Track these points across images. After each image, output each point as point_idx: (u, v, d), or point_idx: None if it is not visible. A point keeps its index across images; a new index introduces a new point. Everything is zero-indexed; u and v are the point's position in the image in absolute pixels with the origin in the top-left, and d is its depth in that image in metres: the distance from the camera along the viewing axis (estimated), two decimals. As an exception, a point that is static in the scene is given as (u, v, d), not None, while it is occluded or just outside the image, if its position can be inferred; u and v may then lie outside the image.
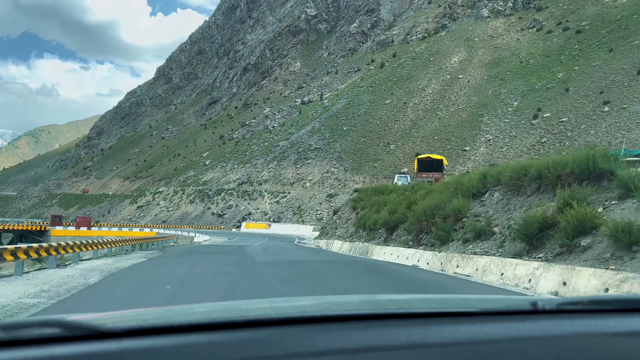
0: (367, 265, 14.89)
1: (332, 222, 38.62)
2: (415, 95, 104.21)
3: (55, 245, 15.19)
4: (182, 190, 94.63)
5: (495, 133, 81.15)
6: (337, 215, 39.27)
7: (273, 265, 14.75)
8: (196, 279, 11.79)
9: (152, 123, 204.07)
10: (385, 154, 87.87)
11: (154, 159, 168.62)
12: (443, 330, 1.17)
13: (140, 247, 27.33)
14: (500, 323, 1.24)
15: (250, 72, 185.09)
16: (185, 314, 1.25)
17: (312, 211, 75.30)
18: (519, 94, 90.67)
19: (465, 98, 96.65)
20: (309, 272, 12.87)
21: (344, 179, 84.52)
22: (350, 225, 32.32)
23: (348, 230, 31.77)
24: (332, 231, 35.40)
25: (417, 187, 26.39)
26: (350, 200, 36.74)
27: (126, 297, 9.38)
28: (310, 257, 19.26)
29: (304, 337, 1.10)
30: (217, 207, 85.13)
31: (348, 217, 34.58)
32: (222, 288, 9.87)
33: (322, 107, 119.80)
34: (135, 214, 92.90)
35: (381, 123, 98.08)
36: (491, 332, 1.17)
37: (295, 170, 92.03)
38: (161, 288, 9.94)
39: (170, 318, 1.20)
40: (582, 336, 1.21)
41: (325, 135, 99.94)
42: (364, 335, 1.12)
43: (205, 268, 14.01)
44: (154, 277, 12.61)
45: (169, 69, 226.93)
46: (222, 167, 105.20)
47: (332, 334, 1.12)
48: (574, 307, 1.36)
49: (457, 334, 1.15)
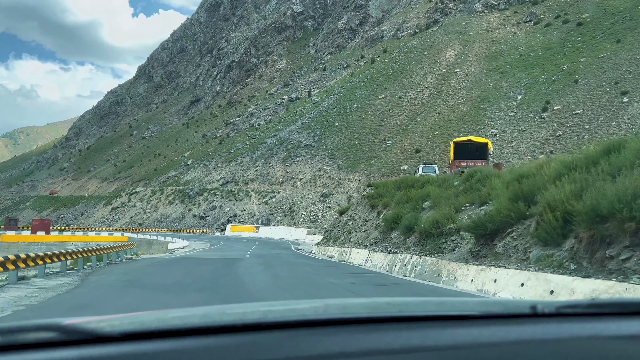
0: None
1: (340, 225, 30.45)
2: (410, 89, 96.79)
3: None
4: (161, 190, 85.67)
5: (501, 127, 73.98)
6: (345, 216, 31.14)
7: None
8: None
9: (133, 123, 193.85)
10: (381, 151, 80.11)
11: (133, 159, 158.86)
12: (443, 333, 1.15)
13: (86, 260, 18.90)
14: (499, 326, 1.21)
15: (235, 70, 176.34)
16: (184, 317, 1.21)
17: (304, 212, 67.09)
18: (522, 87, 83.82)
19: (464, 92, 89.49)
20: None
21: (338, 178, 76.54)
22: (372, 229, 24.21)
23: (369, 235, 23.67)
24: (345, 236, 27.22)
25: (478, 175, 18.40)
26: (365, 197, 28.67)
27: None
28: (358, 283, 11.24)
29: (302, 341, 1.07)
30: (199, 209, 76.42)
31: (365, 217, 26.48)
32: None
33: (312, 103, 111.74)
34: (109, 217, 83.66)
35: (376, 118, 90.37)
36: (490, 336, 1.15)
37: (285, 169, 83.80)
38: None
39: (169, 321, 1.16)
40: (581, 339, 1.19)
41: (316, 132, 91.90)
42: (363, 339, 1.09)
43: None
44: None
45: (150, 68, 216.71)
46: (205, 165, 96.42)
47: (331, 338, 1.09)
48: (574, 311, 1.33)
49: (456, 337, 1.13)
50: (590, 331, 1.24)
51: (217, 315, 1.21)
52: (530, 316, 1.29)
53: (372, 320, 1.19)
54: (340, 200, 68.58)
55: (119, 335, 1.06)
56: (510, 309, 1.37)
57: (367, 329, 1.14)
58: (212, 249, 34.56)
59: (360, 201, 29.93)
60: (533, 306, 1.30)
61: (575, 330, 1.23)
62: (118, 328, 1.09)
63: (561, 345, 1.16)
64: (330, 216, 65.12)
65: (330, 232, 32.26)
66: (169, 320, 1.17)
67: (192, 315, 1.22)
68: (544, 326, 1.23)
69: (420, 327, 1.18)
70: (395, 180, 29.87)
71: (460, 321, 1.23)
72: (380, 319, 1.20)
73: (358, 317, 1.21)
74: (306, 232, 59.76)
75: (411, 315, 1.25)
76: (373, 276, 14.44)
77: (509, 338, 1.15)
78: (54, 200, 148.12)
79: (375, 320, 1.19)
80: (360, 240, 24.16)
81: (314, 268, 17.76)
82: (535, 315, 1.29)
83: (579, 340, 1.19)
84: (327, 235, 33.03)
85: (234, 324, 1.11)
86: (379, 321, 1.19)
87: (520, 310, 1.32)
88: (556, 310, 1.30)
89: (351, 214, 29.80)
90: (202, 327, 1.10)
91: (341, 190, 72.87)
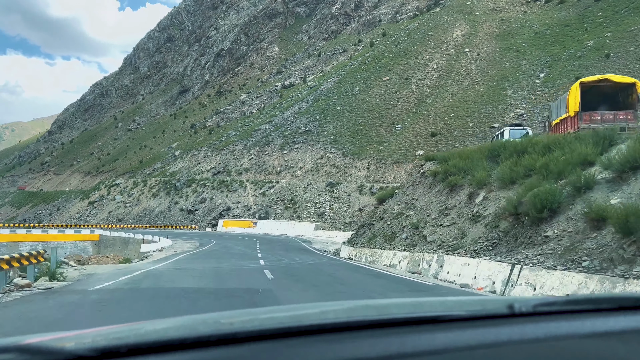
0: None
1: (390, 218, 20.33)
2: (417, 70, 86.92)
3: None
4: (144, 182, 74.89)
5: (527, 107, 64.46)
6: (392, 203, 21.13)
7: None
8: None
9: (118, 115, 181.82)
10: (391, 136, 70.18)
11: (118, 152, 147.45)
12: (420, 338, 1.10)
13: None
14: (477, 328, 1.17)
15: (224, 59, 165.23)
16: (160, 330, 1.12)
17: (309, 204, 56.99)
18: (543, 65, 74.39)
19: (479, 71, 79.84)
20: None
21: (344, 166, 66.50)
22: (467, 222, 14.23)
23: (467, 233, 13.67)
24: (408, 233, 17.11)
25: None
26: (430, 174, 18.68)
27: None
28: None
29: (279, 353, 1.00)
30: (187, 202, 65.95)
31: (443, 204, 16.44)
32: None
33: (309, 88, 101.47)
34: (86, 212, 72.76)
35: (381, 101, 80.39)
36: (468, 339, 1.11)
37: (282, 157, 73.59)
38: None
39: (144, 336, 1.05)
40: (557, 339, 1.16)
41: (316, 117, 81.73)
42: (339, 348, 1.03)
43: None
44: None
45: (136, 58, 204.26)
46: (194, 155, 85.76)
47: (309, 348, 1.02)
48: (550, 309, 1.30)
49: (433, 341, 1.09)
50: (566, 330, 1.21)
51: (187, 327, 1.11)
52: (507, 316, 1.26)
53: (350, 326, 1.12)
54: (350, 189, 58.61)
55: (89, 353, 0.93)
56: (487, 308, 1.33)
57: (343, 337, 1.07)
58: (201, 251, 24.43)
59: (419, 181, 19.92)
60: (510, 305, 1.27)
61: (551, 329, 1.19)
62: (88, 345, 0.96)
63: (538, 345, 1.13)
64: (340, 208, 55.12)
65: (369, 227, 22.17)
66: (143, 335, 1.06)
67: (169, 327, 1.11)
68: (521, 327, 1.20)
69: (398, 333, 1.12)
70: (472, 149, 19.85)
71: (438, 324, 1.18)
72: (359, 325, 1.13)
73: (335, 323, 1.13)
74: (313, 227, 49.76)
75: (390, 318, 1.18)
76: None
77: (486, 340, 1.11)
78: (34, 195, 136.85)
79: (354, 326, 1.12)
80: (450, 240, 14.19)
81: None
82: (513, 315, 1.25)
83: (555, 339, 1.15)
84: (362, 232, 23.00)
85: (206, 335, 1.01)
86: (357, 327, 1.12)
87: (498, 309, 1.29)
88: (533, 309, 1.27)
89: (406, 199, 19.77)
90: (174, 340, 0.98)
91: (348, 179, 62.93)
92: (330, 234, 45.62)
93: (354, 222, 51.32)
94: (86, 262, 27.42)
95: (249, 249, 26.29)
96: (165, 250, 26.66)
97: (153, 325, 1.15)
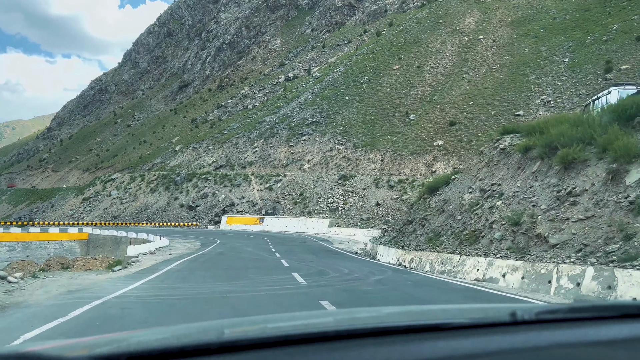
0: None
1: (450, 214, 14.89)
2: (429, 58, 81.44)
3: None
4: (142, 176, 69.41)
5: (553, 93, 59.02)
6: (438, 197, 15.69)
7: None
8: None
9: (117, 110, 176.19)
10: (405, 126, 64.76)
11: (117, 148, 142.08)
12: (423, 346, 1.07)
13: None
14: (479, 337, 1.14)
15: (225, 52, 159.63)
16: (160, 338, 1.09)
17: (320, 199, 51.57)
18: (566, 50, 68.94)
19: (496, 58, 74.34)
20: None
21: (355, 158, 61.09)
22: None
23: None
24: (525, 237, 11.61)
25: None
26: (535, 153, 13.26)
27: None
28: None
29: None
30: (188, 197, 60.51)
31: (595, 192, 10.99)
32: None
33: (314, 79, 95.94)
34: (80, 209, 67.29)
35: (393, 90, 74.93)
36: (470, 347, 1.09)
37: (289, 149, 68.18)
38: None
39: (143, 344, 1.03)
40: (561, 346, 1.13)
41: (323, 107, 76.28)
42: (343, 356, 1.01)
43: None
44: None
45: (135, 53, 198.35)
46: (194, 148, 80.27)
47: (312, 356, 1.00)
48: (553, 317, 1.27)
49: (436, 349, 1.06)
50: (569, 338, 1.17)
51: (195, 335, 1.09)
52: (510, 324, 1.22)
53: (352, 334, 1.09)
54: (364, 183, 53.18)
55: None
56: (489, 316, 1.31)
57: (346, 345, 1.04)
58: (203, 255, 19.02)
59: (497, 161, 14.46)
60: (513, 313, 1.23)
61: (554, 337, 1.16)
62: (87, 354, 0.93)
63: (541, 353, 1.09)
64: (355, 203, 49.67)
65: (422, 223, 16.74)
66: (144, 343, 1.04)
67: (168, 336, 1.09)
68: (524, 335, 1.17)
69: (400, 341, 1.08)
70: (566, 116, 14.35)
71: (440, 332, 1.14)
72: (361, 333, 1.10)
73: (337, 330, 1.11)
74: (327, 223, 44.32)
75: (392, 326, 1.15)
76: None
77: (489, 348, 1.08)
78: (31, 193, 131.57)
79: (355, 334, 1.09)
80: (598, 241, 8.79)
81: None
82: (515, 322, 1.22)
83: (558, 347, 1.12)
84: (408, 230, 17.59)
85: (209, 343, 0.99)
86: (358, 336, 1.09)
87: (501, 317, 1.25)
88: (536, 317, 1.24)
89: (481, 185, 14.33)
90: (175, 348, 0.96)
91: (361, 171, 57.53)
92: (347, 231, 40.21)
93: (372, 218, 45.92)
94: (71, 266, 22.41)
95: (263, 251, 20.86)
96: (158, 253, 21.28)
97: (153, 333, 1.11)
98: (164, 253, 21.03)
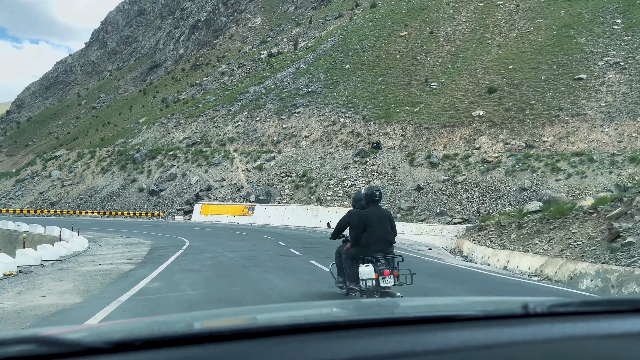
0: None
1: None
2: (442, 24, 67.00)
3: None
4: (91, 153, 52.53)
5: (620, 54, 45.24)
6: None
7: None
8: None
9: (82, 92, 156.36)
10: (426, 95, 50.02)
11: (79, 130, 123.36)
12: (434, 336, 1.05)
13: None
14: (491, 328, 1.12)
15: (200, 31, 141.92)
16: (170, 324, 1.08)
17: (332, 181, 36.35)
18: (614, 11, 55.49)
19: (526, 22, 60.41)
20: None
21: (366, 133, 46.04)
22: None
23: None
24: None
25: None
26: None
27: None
28: None
29: (292, 349, 0.96)
30: (150, 179, 44.29)
31: None
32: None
33: (305, 49, 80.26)
34: (9, 193, 50.06)
35: (404, 57, 60.16)
36: (482, 338, 1.06)
37: (280, 124, 52.60)
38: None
39: (158, 330, 1.02)
40: (573, 339, 1.10)
41: (319, 77, 60.91)
42: (351, 344, 0.99)
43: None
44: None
45: (104, 33, 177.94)
46: (162, 124, 63.63)
47: (321, 344, 0.98)
48: (566, 309, 1.23)
49: (447, 340, 1.04)
50: (581, 330, 1.14)
51: (203, 321, 1.07)
52: (522, 316, 1.19)
53: (364, 324, 1.07)
54: (394, 160, 38.07)
55: (105, 345, 0.90)
56: (501, 308, 1.28)
57: (356, 334, 1.02)
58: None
59: None
60: (525, 305, 1.20)
61: (567, 329, 1.13)
62: (103, 338, 0.93)
63: (553, 345, 1.06)
64: (385, 187, 34.37)
65: None
66: (155, 329, 1.02)
67: (179, 322, 1.07)
68: (536, 327, 1.13)
69: (411, 331, 1.06)
70: None
71: (452, 323, 1.11)
72: (372, 323, 1.08)
73: (348, 320, 1.10)
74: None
75: (402, 317, 1.14)
76: None
77: (500, 340, 1.06)
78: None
79: (367, 324, 1.08)
80: None
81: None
82: (528, 315, 1.19)
83: (571, 340, 1.09)
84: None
85: (224, 331, 0.98)
86: (370, 325, 1.07)
87: (513, 310, 1.22)
88: (548, 310, 1.20)
89: None
90: (187, 335, 0.95)
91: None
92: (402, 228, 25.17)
93: (417, 207, 31.00)
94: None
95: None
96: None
97: (167, 319, 1.08)
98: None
